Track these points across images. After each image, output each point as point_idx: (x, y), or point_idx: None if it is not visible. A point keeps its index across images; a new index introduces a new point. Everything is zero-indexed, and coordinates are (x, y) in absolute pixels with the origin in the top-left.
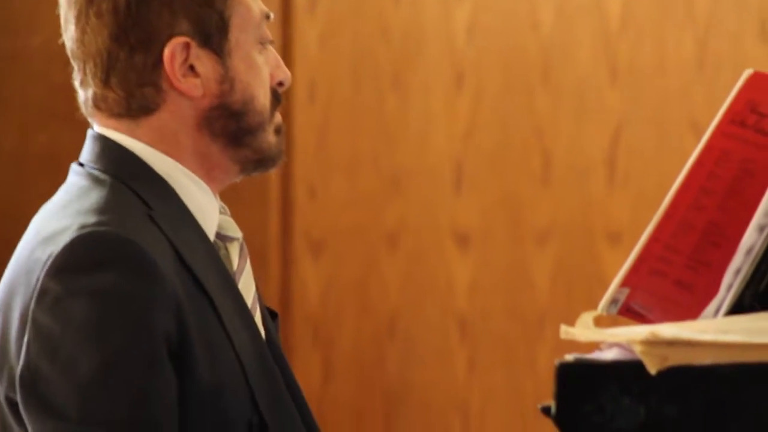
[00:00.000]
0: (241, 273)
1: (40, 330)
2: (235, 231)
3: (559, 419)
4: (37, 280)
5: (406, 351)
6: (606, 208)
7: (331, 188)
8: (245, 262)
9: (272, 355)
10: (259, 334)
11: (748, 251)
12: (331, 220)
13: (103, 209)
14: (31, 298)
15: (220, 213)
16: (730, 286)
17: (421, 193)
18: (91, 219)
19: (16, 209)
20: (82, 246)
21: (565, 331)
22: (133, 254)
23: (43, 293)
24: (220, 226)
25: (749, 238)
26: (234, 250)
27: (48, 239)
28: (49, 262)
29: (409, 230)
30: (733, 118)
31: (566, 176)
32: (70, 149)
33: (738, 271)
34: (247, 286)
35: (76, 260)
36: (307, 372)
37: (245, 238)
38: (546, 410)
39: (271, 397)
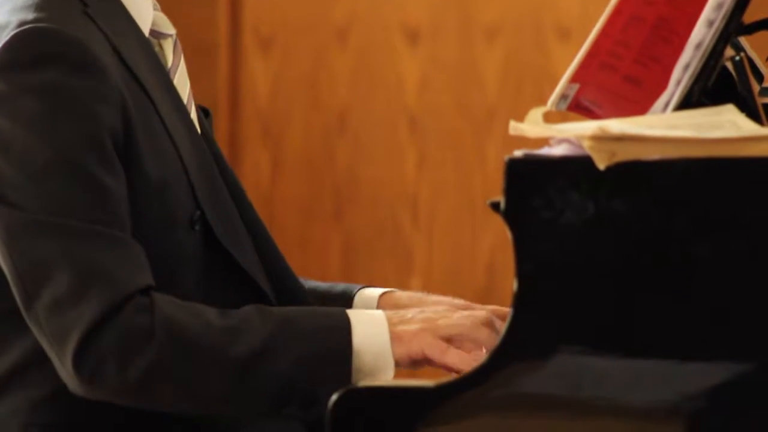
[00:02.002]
0: (175, 70)
1: None
2: (168, 27)
3: (507, 215)
4: None
5: (356, 147)
6: (556, 3)
7: None
8: (179, 59)
9: (210, 152)
10: (196, 130)
11: (697, 46)
12: (281, 15)
13: (40, 5)
14: None
15: (154, 9)
16: (678, 81)
17: None
18: (30, 15)
19: None
20: (23, 43)
21: (515, 127)
22: (76, 50)
23: None
24: (153, 23)
25: (698, 33)
26: (168, 47)
27: None
28: None
29: (360, 25)
30: None
31: None
32: None
33: (687, 66)
34: (181, 84)
35: (18, 57)
36: (256, 169)
37: (193, 35)
38: (495, 206)
39: (210, 191)
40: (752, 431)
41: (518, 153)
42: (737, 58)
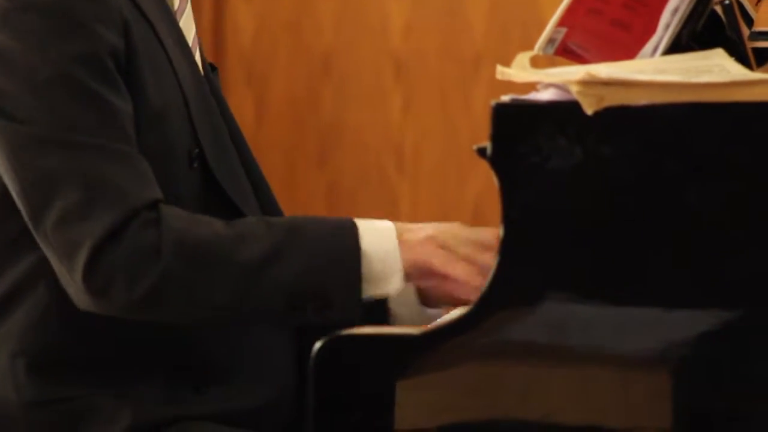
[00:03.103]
0: (182, 13)
1: None
2: None
3: (494, 160)
4: None
5: (341, 91)
6: None
7: None
8: (186, 4)
9: (216, 101)
10: (199, 70)
11: None
12: None
13: None
14: None
15: None
16: (667, 26)
17: None
18: None
19: None
20: None
21: (502, 72)
22: None
23: None
24: None
25: None
26: None
27: None
28: None
29: None
30: None
31: None
32: None
33: (676, 11)
34: (187, 27)
35: None
36: (240, 113)
37: None
38: (481, 151)
39: (211, 130)
40: (740, 379)
41: (505, 98)
42: (727, 1)
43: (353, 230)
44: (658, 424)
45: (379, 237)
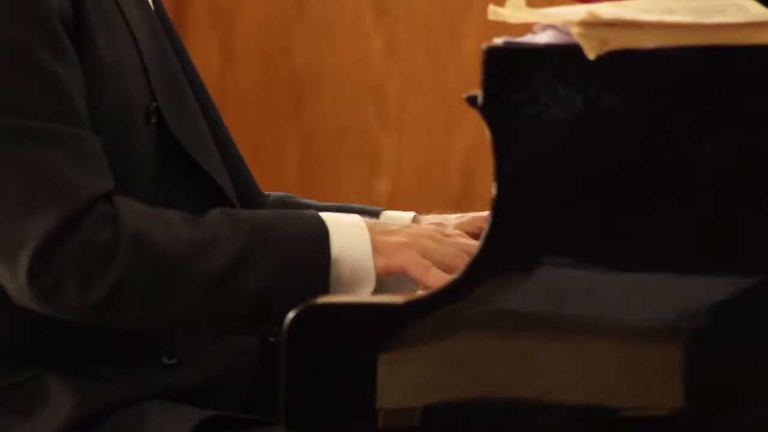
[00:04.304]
0: None
1: None
2: None
3: (486, 110)
4: None
5: (316, 34)
6: None
7: None
8: None
9: (170, 44)
10: (152, 13)
11: None
12: None
13: None
14: None
15: None
16: None
17: None
18: None
19: None
20: None
21: (494, 12)
22: None
23: None
24: None
25: None
26: None
27: None
28: None
29: None
30: None
31: None
32: None
33: None
34: None
35: None
36: (204, 57)
37: None
38: (472, 100)
39: (168, 83)
40: (758, 353)
41: (498, 41)
42: None
43: (322, 233)
44: (667, 402)
45: (351, 239)
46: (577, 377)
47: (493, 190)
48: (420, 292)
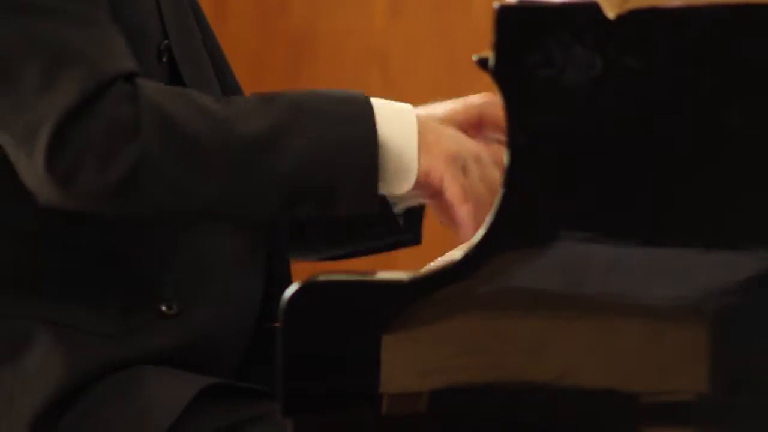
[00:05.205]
0: None
1: None
2: None
3: (498, 74)
4: None
5: None
6: None
7: None
8: None
9: None
10: None
11: None
12: None
13: None
14: None
15: None
16: None
17: None
18: None
19: None
20: None
21: None
22: None
23: None
24: None
25: None
26: None
27: None
28: None
29: None
30: None
31: None
32: None
33: None
34: None
35: None
36: None
37: None
38: (483, 63)
39: (178, 21)
40: None
41: None
42: None
43: (369, 111)
44: (692, 386)
45: (398, 127)
46: (596, 360)
47: (505, 159)
48: (444, 257)
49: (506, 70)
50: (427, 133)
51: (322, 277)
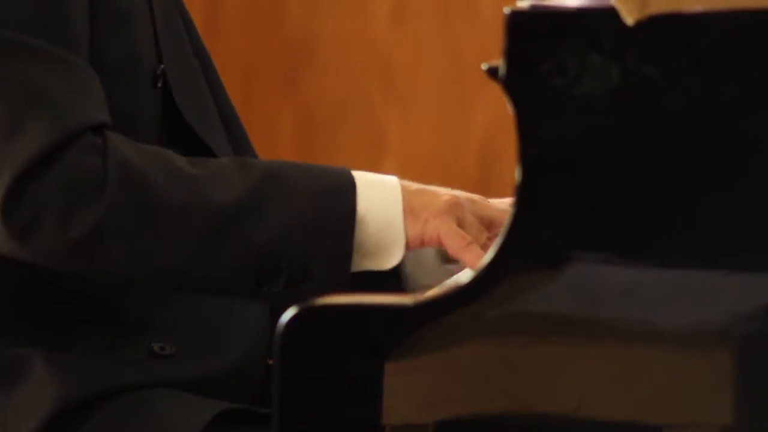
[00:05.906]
0: None
1: None
2: None
3: (508, 83)
4: None
5: None
6: None
7: None
8: None
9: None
10: None
11: None
12: None
13: None
14: None
15: None
16: None
17: None
18: None
19: None
20: None
21: None
22: None
23: None
24: None
25: None
26: None
27: None
28: None
29: None
30: None
31: None
32: None
33: None
34: None
35: None
36: None
37: None
38: (492, 72)
39: (174, 47)
40: None
41: (522, 3)
42: None
43: (349, 185)
44: (716, 418)
45: (381, 196)
46: (612, 389)
47: (517, 174)
48: (451, 280)
49: (517, 80)
50: (412, 200)
51: (320, 301)
